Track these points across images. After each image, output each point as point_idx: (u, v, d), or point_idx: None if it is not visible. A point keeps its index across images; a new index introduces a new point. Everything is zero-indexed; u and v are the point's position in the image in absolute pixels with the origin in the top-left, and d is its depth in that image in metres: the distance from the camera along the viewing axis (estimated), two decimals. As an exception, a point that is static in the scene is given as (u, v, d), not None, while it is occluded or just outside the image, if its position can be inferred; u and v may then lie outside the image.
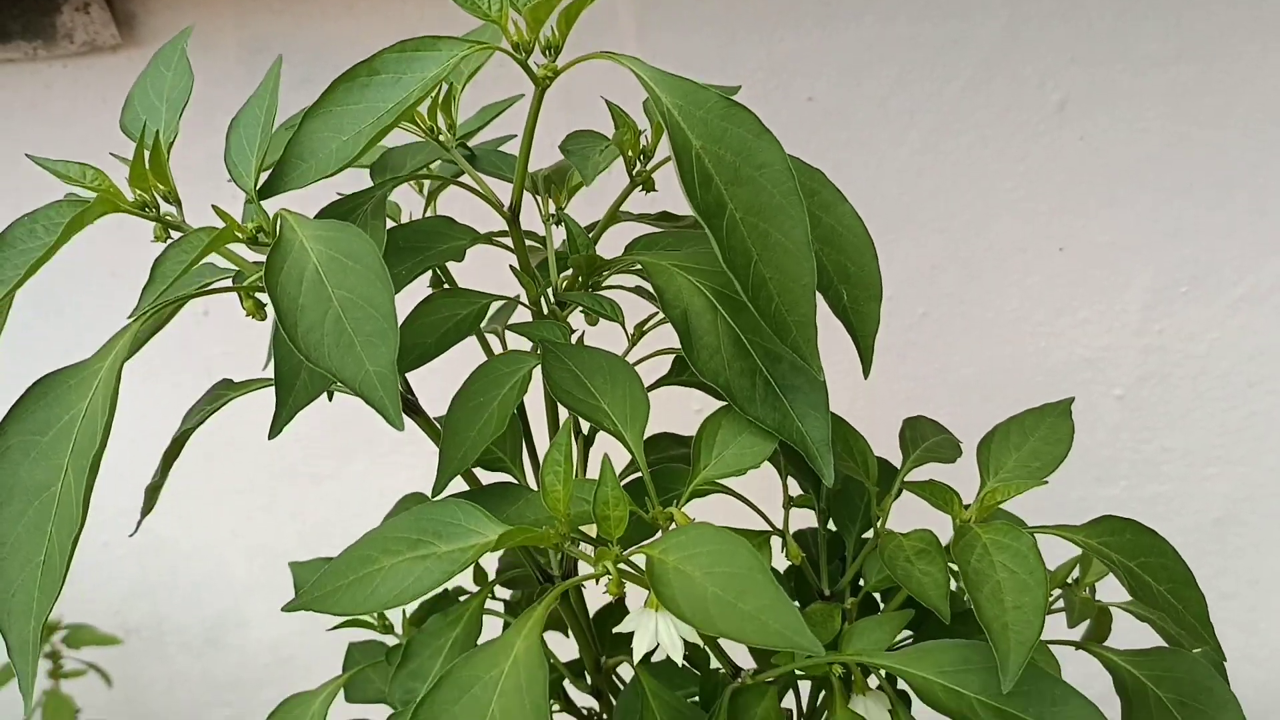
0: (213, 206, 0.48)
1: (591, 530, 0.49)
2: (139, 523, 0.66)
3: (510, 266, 0.59)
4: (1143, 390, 1.13)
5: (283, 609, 0.49)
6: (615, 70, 0.49)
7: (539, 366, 0.54)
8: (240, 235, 0.47)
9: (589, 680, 0.67)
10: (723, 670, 0.56)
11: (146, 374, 1.22)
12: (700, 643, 0.51)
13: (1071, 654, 0.64)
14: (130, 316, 0.45)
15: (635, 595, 0.49)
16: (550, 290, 0.58)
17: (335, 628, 0.69)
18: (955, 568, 0.55)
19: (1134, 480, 1.16)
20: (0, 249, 0.44)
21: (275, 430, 0.51)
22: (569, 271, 0.59)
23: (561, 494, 0.46)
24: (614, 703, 0.68)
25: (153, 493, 0.63)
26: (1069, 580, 0.62)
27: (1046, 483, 0.53)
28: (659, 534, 0.49)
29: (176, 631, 1.35)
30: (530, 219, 0.60)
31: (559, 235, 0.61)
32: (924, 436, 0.61)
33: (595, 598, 0.69)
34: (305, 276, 0.44)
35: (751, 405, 0.51)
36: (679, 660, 0.49)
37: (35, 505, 0.43)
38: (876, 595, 0.62)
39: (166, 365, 1.21)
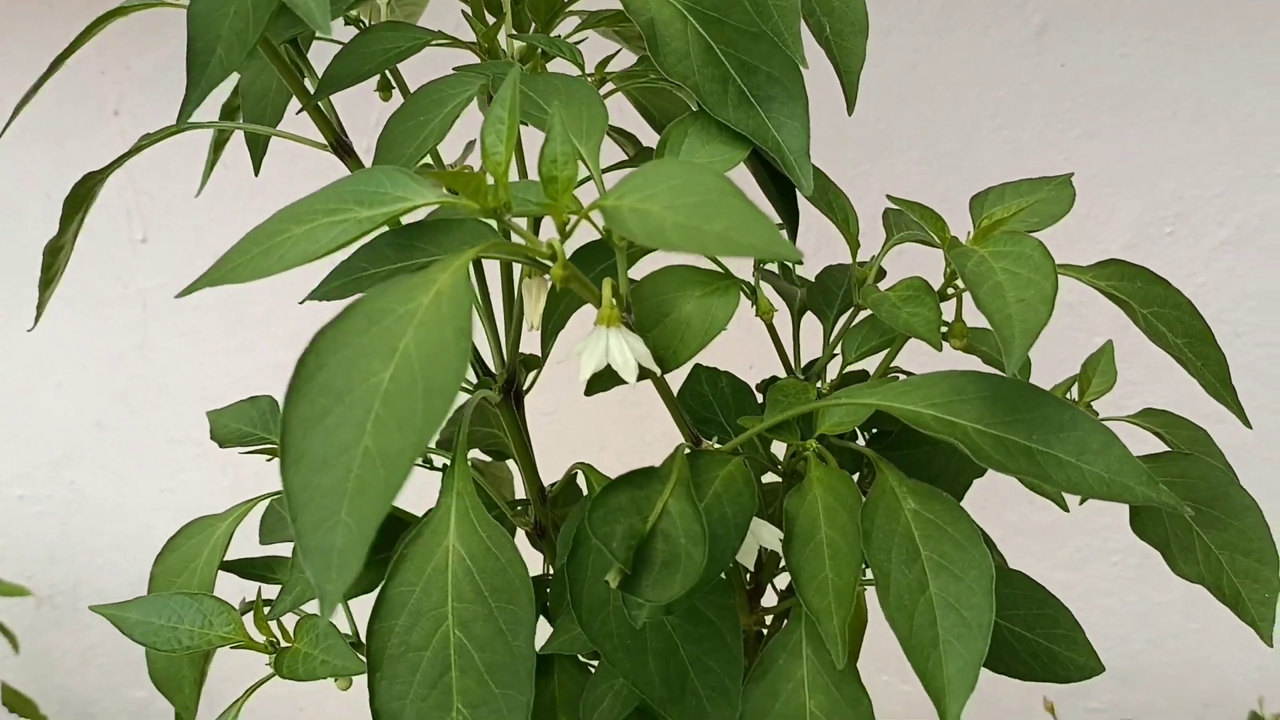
0: None
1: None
2: (39, 310, 0.59)
3: (462, 12, 0.54)
4: (1126, 340, 1.08)
5: (179, 294, 0.42)
6: None
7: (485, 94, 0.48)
8: None
9: (532, 516, 0.60)
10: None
11: (80, 308, 1.15)
12: (657, 370, 0.44)
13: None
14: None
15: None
16: (504, 34, 0.53)
17: (249, 451, 0.62)
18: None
19: (1117, 439, 1.11)
20: None
21: (185, 114, 0.45)
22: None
23: (503, 155, 0.40)
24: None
25: (53, 255, 0.56)
26: (1067, 395, 0.56)
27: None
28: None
29: (94, 597, 1.25)
30: None
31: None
32: (907, 225, 0.55)
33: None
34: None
35: (723, 109, 0.45)
36: (631, 380, 0.43)
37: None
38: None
39: (100, 298, 1.14)
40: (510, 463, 0.70)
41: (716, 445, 0.48)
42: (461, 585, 0.43)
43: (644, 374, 0.46)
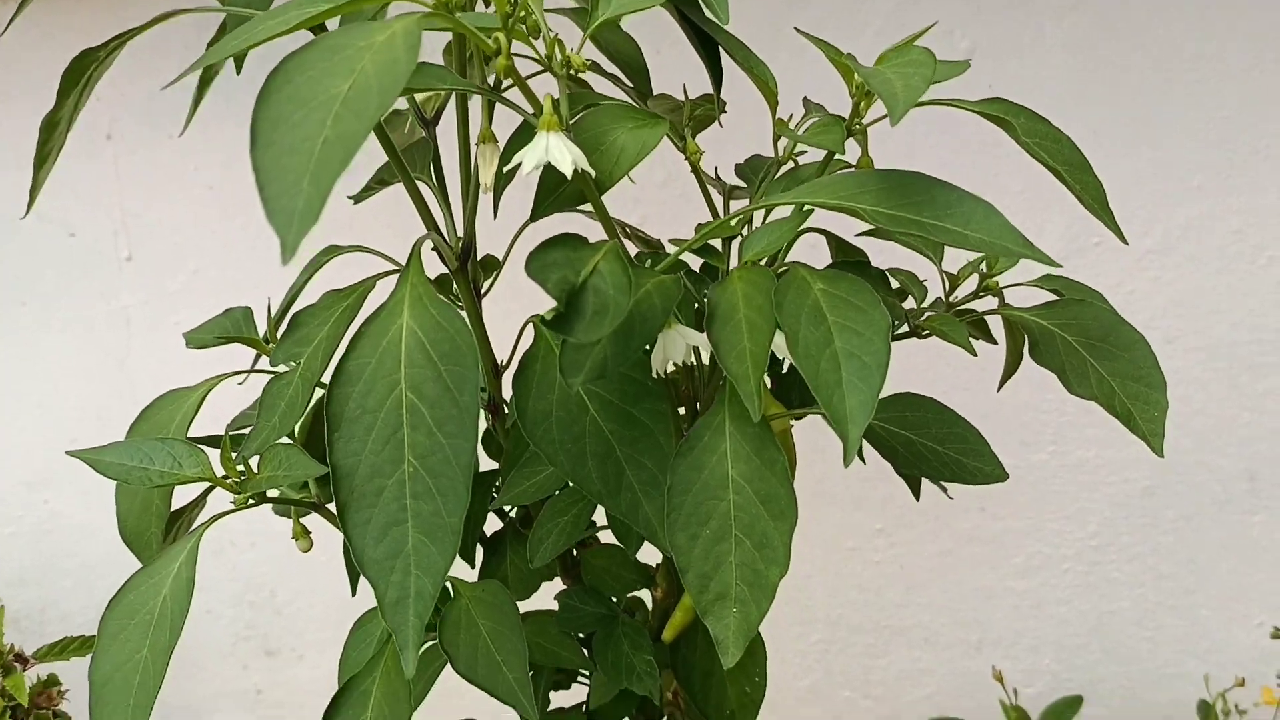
0: None
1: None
2: (33, 193, 0.63)
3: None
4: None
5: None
6: None
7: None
8: None
9: (487, 394, 0.64)
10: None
11: (63, 326, 1.20)
12: (591, 171, 0.50)
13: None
14: None
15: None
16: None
17: (218, 345, 0.66)
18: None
19: (1060, 445, 1.15)
20: None
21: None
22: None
23: (455, -39, 0.46)
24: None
25: (48, 130, 0.60)
26: (980, 268, 0.62)
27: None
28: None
29: (61, 621, 1.26)
30: None
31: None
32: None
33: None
34: None
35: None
36: (568, 173, 0.48)
37: None
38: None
39: (84, 316, 1.18)
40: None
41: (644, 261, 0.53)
42: (413, 354, 0.47)
43: (582, 193, 0.52)
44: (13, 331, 1.20)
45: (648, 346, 0.52)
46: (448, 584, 0.60)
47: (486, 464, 0.72)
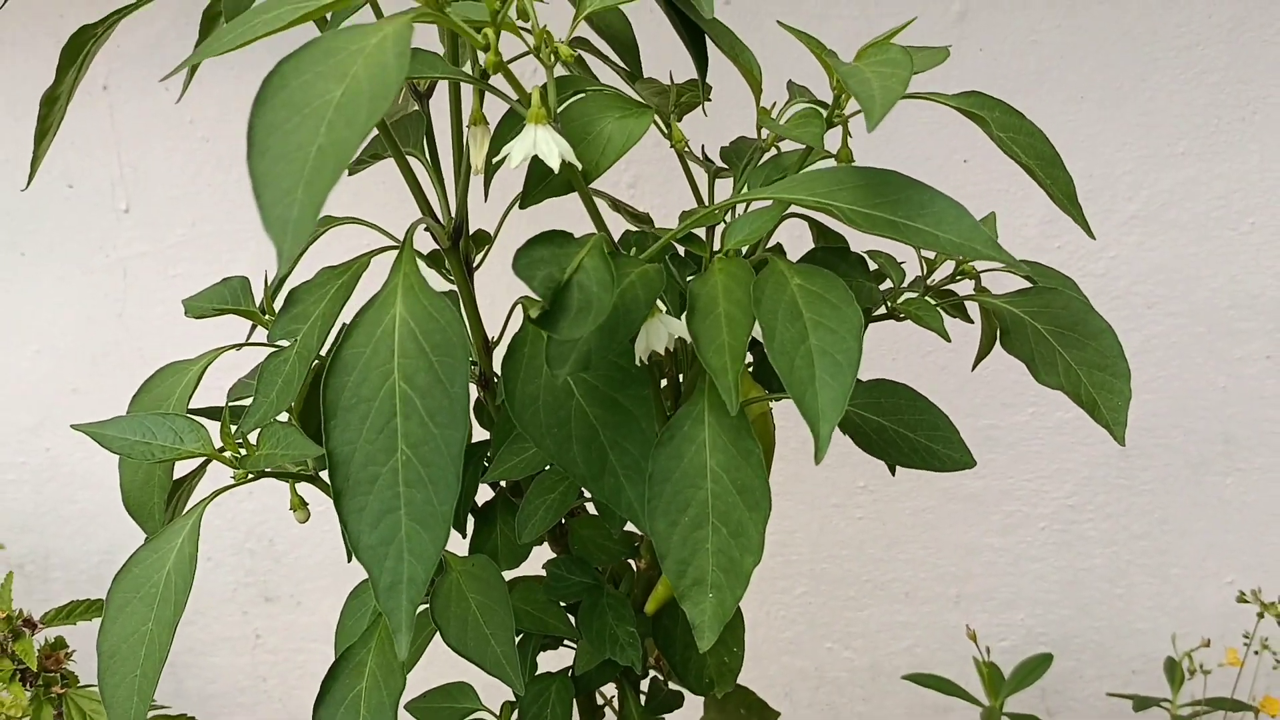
0: None
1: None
2: (33, 165, 0.64)
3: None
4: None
5: (164, 77, 0.49)
6: None
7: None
8: None
9: (478, 369, 0.66)
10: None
11: (61, 275, 1.21)
12: (579, 164, 0.51)
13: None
14: None
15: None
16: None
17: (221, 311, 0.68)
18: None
19: (1041, 407, 1.18)
20: None
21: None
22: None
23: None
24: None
25: (48, 105, 0.62)
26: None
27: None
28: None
29: (64, 567, 1.29)
30: None
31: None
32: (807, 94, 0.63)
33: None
34: None
35: (638, -47, 0.53)
36: (555, 166, 0.49)
37: None
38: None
39: (82, 266, 1.20)
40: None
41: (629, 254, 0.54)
42: (406, 344, 0.49)
43: (567, 185, 0.53)
44: (11, 280, 1.22)
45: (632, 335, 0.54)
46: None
47: (479, 434, 0.74)
